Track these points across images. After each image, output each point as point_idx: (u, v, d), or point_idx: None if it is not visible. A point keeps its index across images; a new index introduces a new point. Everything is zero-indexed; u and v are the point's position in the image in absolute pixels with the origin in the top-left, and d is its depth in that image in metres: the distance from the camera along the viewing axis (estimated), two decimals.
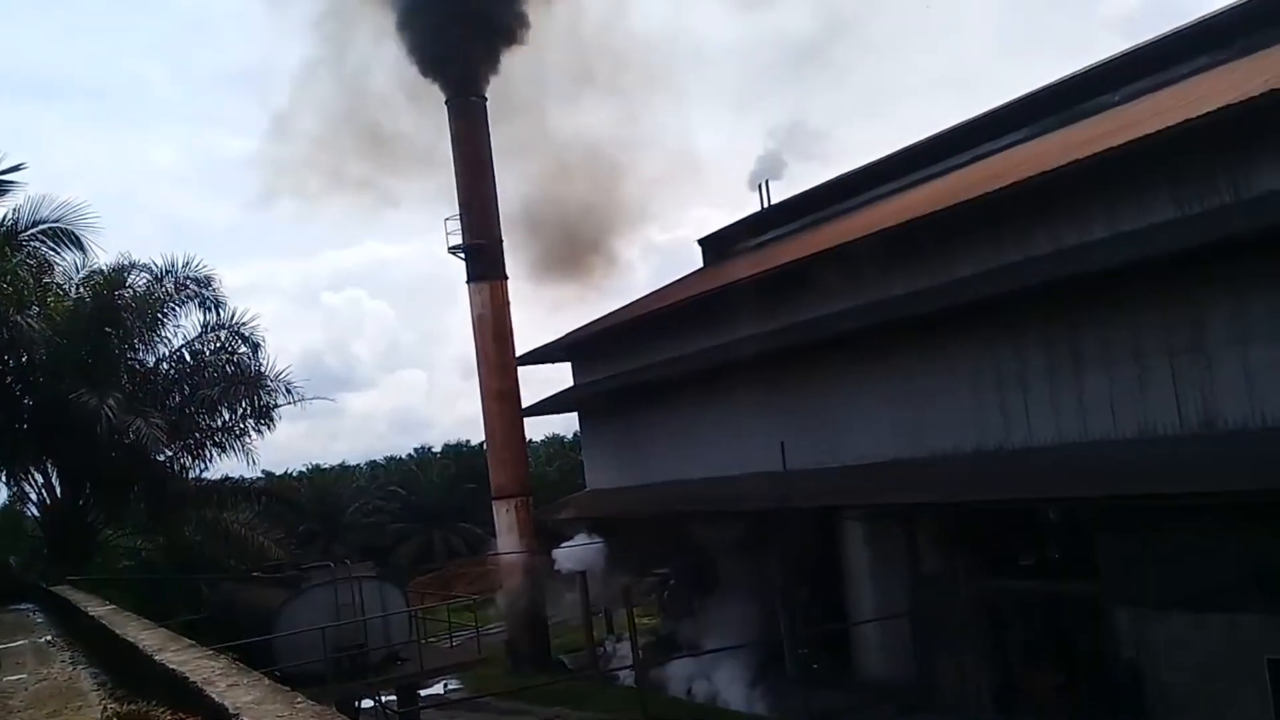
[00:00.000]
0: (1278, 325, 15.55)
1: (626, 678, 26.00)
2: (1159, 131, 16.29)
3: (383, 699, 22.66)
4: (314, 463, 66.34)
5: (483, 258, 35.16)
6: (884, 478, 22.07)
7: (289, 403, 24.43)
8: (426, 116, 40.47)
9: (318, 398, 25.31)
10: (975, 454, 20.40)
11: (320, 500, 53.62)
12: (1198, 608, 16.18)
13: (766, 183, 35.95)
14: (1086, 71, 24.68)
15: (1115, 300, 17.78)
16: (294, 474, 59.91)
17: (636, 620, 29.99)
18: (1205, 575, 15.98)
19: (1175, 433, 16.92)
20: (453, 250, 35.43)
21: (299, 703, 4.23)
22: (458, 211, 35.39)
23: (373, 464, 70.74)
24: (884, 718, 21.24)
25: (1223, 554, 15.74)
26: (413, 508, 57.79)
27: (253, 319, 24.39)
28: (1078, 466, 18.03)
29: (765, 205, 35.55)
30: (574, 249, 38.65)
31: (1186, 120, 15.81)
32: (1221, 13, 21.87)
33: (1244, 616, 15.70)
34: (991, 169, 23.15)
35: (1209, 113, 15.51)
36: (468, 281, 35.56)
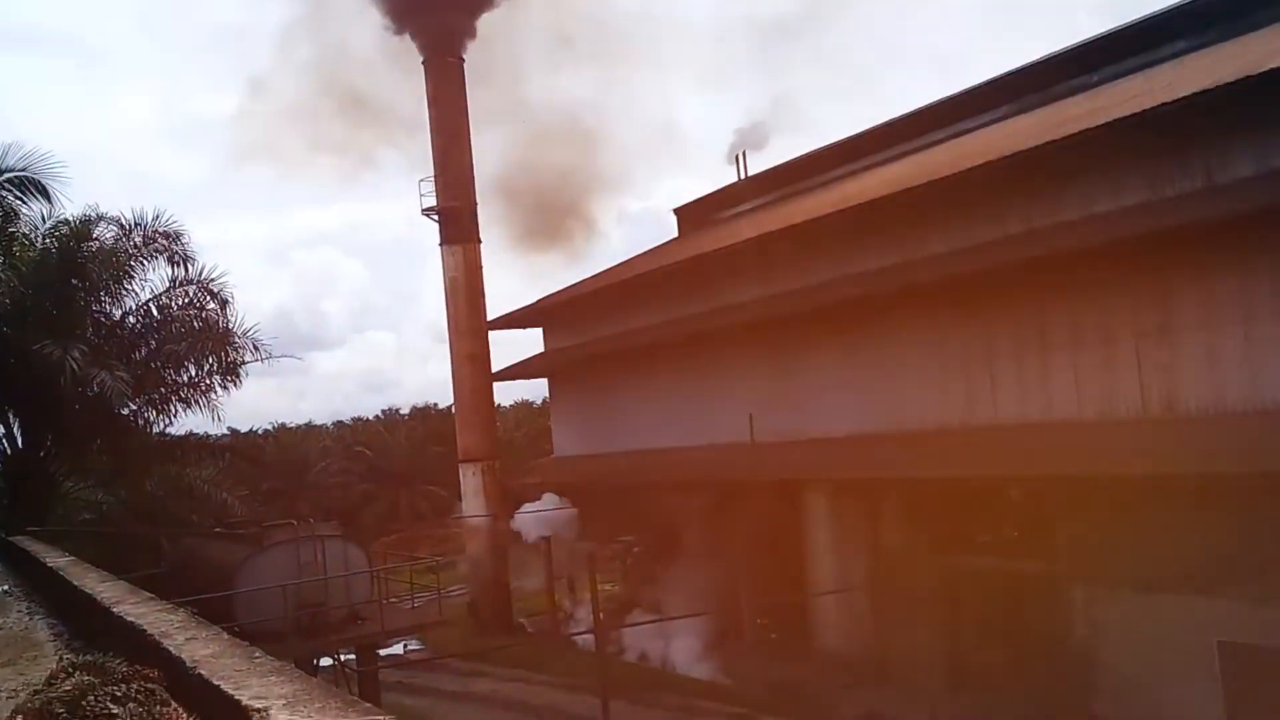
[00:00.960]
0: (1242, 311, 15.74)
1: (587, 642, 26.12)
2: (1134, 115, 16.38)
3: (342, 658, 22.67)
4: (280, 421, 65.92)
5: (456, 220, 34.91)
6: (848, 452, 22.22)
7: (256, 360, 24.19)
8: (405, 78, 40.10)
9: (285, 356, 25.02)
10: (940, 430, 20.56)
11: (285, 458, 53.34)
12: (1151, 589, 16.44)
13: (744, 154, 35.91)
14: (1066, 52, 24.77)
15: (1084, 282, 17.92)
16: (260, 431, 59.64)
17: (599, 586, 30.12)
18: (1160, 557, 16.23)
19: (1137, 415, 17.13)
20: (426, 212, 35.16)
21: (257, 657, 4.22)
22: (432, 174, 35.12)
23: (339, 424, 70.41)
24: (836, 689, 21.48)
25: (1178, 537, 15.98)
26: (379, 469, 57.56)
27: (222, 275, 24.07)
28: (1040, 446, 18.22)
29: (742, 177, 35.49)
30: (552, 216, 38.55)
31: (1162, 104, 15.93)
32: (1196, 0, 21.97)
33: (1195, 599, 15.97)
34: (969, 147, 23.22)
35: (1184, 97, 15.62)
36: (441, 244, 35.33)
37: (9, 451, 22.68)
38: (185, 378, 24.00)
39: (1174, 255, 16.56)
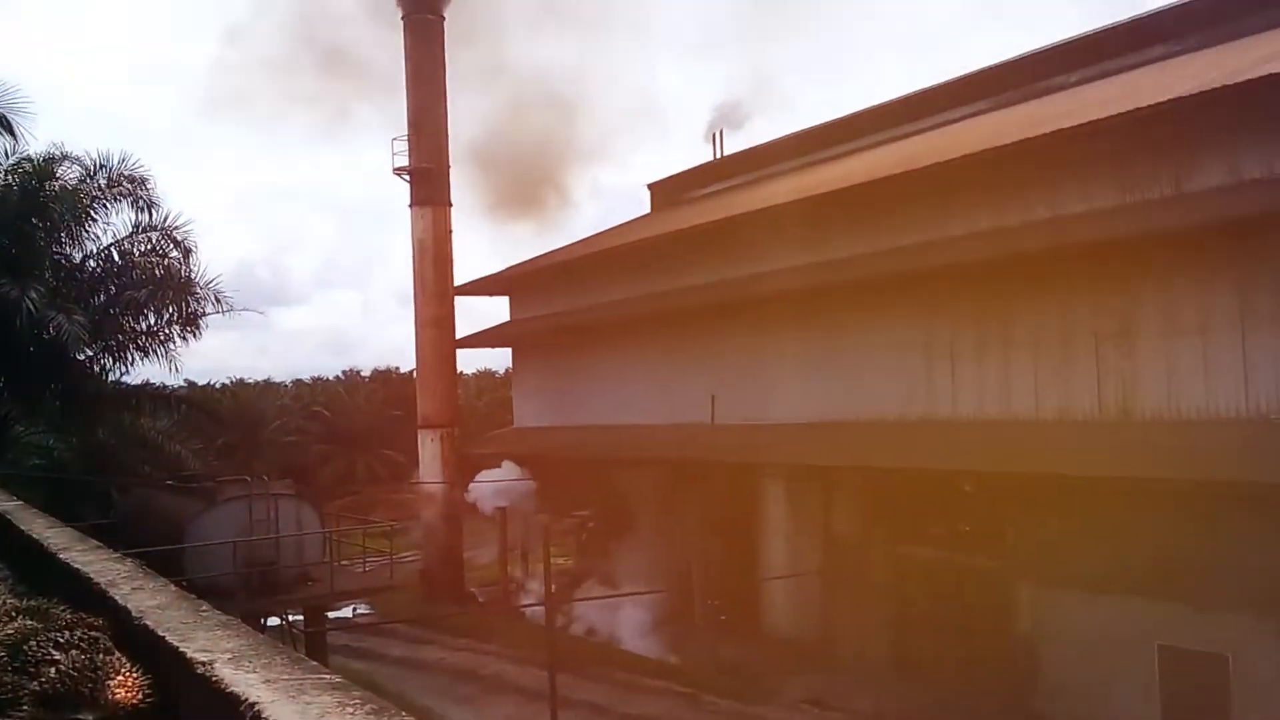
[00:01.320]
0: (1201, 322, 15.93)
1: (537, 615, 26.17)
2: (1108, 118, 16.50)
3: (290, 618, 22.57)
4: (238, 376, 65.18)
5: (428, 182, 34.57)
6: (807, 438, 22.32)
7: (217, 312, 23.93)
8: (384, 35, 39.72)
9: (247, 309, 24.66)
10: (899, 422, 20.70)
11: (242, 414, 52.64)
12: (1096, 589, 16.67)
13: (721, 133, 35.90)
14: (1045, 51, 24.91)
15: (1049, 282, 18.07)
16: (217, 385, 58.97)
17: (552, 559, 30.15)
18: (1106, 559, 16.46)
19: (1094, 418, 17.33)
20: (398, 171, 34.80)
21: (204, 611, 4.17)
22: (406, 133, 34.76)
23: (299, 382, 69.69)
24: (783, 673, 21.68)
25: (1126, 540, 16.22)
26: (336, 430, 57.12)
27: (186, 223, 23.78)
28: (995, 442, 18.39)
29: (718, 155, 35.47)
30: (527, 184, 38.38)
31: (1136, 109, 16.04)
32: (1179, 5, 22.13)
33: (1139, 601, 16.23)
34: (944, 140, 23.28)
35: (1157, 104, 15.75)
36: (411, 205, 35.00)
37: None
38: (144, 326, 23.71)
39: (1138, 261, 16.73)
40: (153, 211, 23.39)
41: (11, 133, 21.37)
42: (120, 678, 3.36)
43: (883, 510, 21.11)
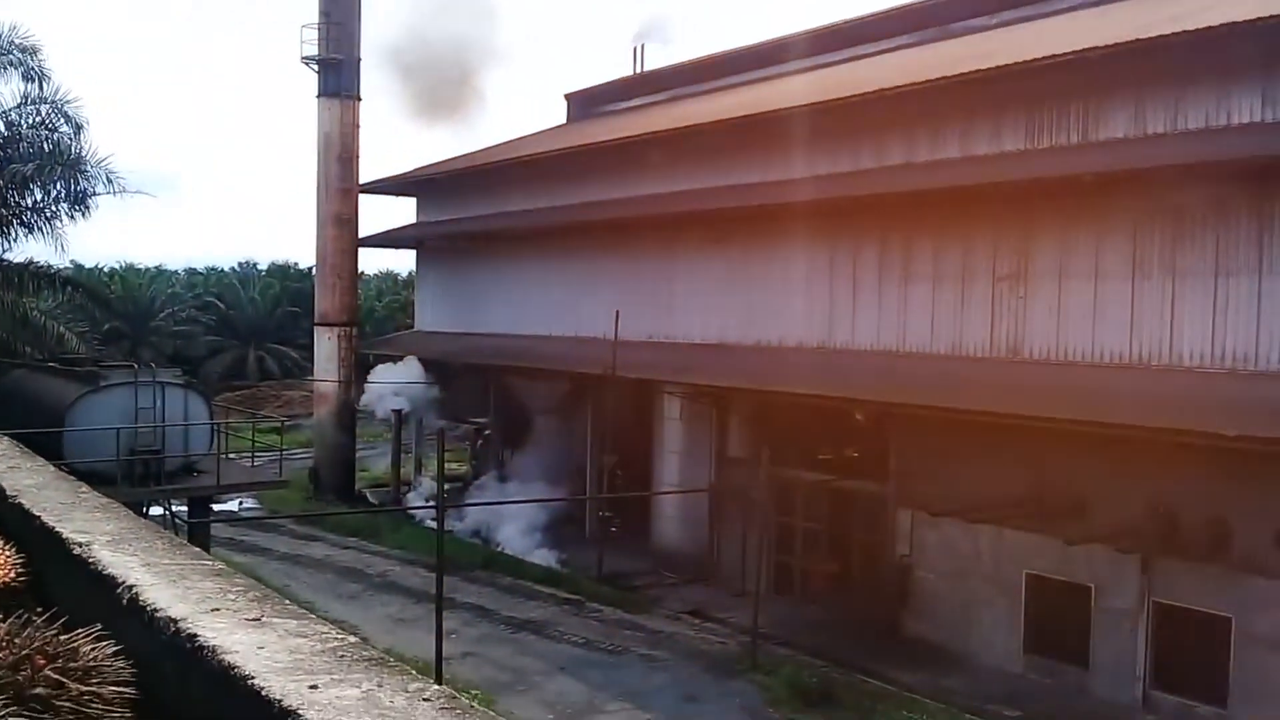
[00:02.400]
0: (1093, 267, 16.42)
1: (426, 518, 26.22)
2: (1020, 63, 16.75)
3: (174, 508, 22.22)
4: (129, 261, 62.80)
5: (338, 73, 33.43)
6: (705, 359, 22.55)
7: (108, 192, 23.06)
8: None
9: (139, 192, 23.75)
10: (798, 348, 21.03)
11: (131, 300, 51.02)
12: (972, 518, 17.33)
13: (642, 47, 35.47)
14: None
15: (952, 220, 18.40)
16: (105, 269, 56.87)
17: (446, 464, 30.14)
18: (983, 490, 17.10)
19: (985, 354, 17.84)
20: (306, 60, 33.58)
21: (83, 492, 4.08)
22: (316, 21, 33.46)
23: (191, 271, 67.46)
24: (666, 585, 22.21)
25: (1003, 473, 16.89)
26: (229, 323, 55.67)
27: (77, 99, 22.77)
28: (887, 373, 18.83)
29: (638, 70, 35.06)
30: (444, 89, 37.50)
31: (1048, 56, 16.32)
32: None
33: (1011, 532, 16.96)
34: (861, 73, 23.35)
35: (1070, 52, 16.03)
36: (318, 96, 33.85)
37: None
38: (30, 202, 22.83)
39: (1038, 205, 17.12)
40: (43, 83, 22.40)
41: None
42: None
43: (774, 433, 21.50)
